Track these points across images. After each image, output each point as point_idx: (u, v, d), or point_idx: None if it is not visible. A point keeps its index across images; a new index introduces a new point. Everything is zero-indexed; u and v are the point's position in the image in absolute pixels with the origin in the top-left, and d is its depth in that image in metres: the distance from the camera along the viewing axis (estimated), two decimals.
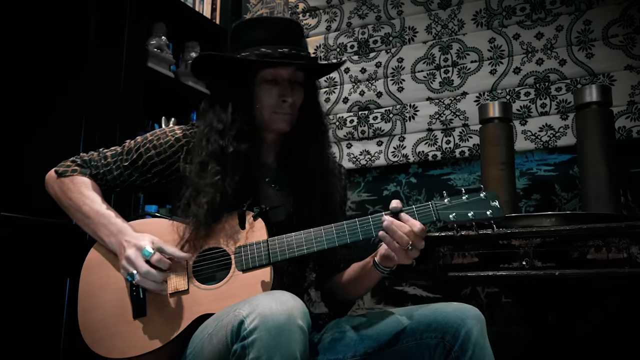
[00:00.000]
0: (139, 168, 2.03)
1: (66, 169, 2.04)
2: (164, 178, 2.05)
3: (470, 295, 3.06)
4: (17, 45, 2.49)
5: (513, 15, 3.20)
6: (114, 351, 1.83)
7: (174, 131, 2.06)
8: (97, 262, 1.96)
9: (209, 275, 1.88)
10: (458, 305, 1.82)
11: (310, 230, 1.85)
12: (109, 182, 2.05)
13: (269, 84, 1.98)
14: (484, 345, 1.74)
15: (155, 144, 2.03)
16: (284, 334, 1.50)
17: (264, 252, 1.84)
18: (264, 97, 1.98)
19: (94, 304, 1.91)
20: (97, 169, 2.05)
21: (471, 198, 1.81)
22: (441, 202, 1.82)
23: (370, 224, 1.83)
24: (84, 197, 1.98)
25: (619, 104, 2.82)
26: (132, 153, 2.04)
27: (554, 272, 2.10)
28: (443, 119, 3.28)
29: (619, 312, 2.76)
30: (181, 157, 2.01)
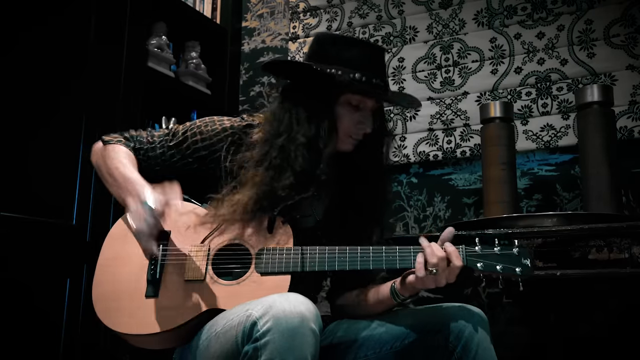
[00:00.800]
0: (182, 150, 2.01)
1: (112, 138, 2.04)
2: (204, 164, 2.01)
3: (471, 295, 3.05)
4: (18, 45, 2.49)
5: (514, 14, 3.20)
6: (119, 325, 1.82)
7: (223, 121, 2.03)
8: (122, 234, 1.94)
9: (227, 270, 1.85)
10: (461, 305, 1.82)
11: (335, 248, 1.82)
12: (150, 159, 2.03)
13: (352, 108, 1.94)
14: (487, 346, 1.74)
15: (202, 129, 2.01)
16: (297, 337, 1.49)
17: (285, 260, 1.82)
18: (344, 119, 1.93)
19: (111, 273, 1.89)
20: (142, 144, 2.04)
21: (503, 251, 1.77)
22: (472, 248, 1.77)
23: (397, 256, 1.80)
24: (118, 162, 1.95)
25: (620, 103, 2.82)
26: (178, 135, 2.02)
27: (555, 272, 2.10)
28: (444, 118, 3.27)
29: (621, 312, 2.76)
30: (224, 147, 1.99)
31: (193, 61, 3.54)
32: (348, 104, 1.93)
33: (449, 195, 3.23)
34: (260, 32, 3.93)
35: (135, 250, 1.87)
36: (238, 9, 4.00)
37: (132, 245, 1.89)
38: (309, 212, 1.99)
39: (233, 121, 2.04)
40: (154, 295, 1.83)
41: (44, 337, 2.46)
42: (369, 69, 1.92)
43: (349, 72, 1.89)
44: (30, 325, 2.40)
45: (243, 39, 3.98)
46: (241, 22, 4.00)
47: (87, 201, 2.63)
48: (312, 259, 1.82)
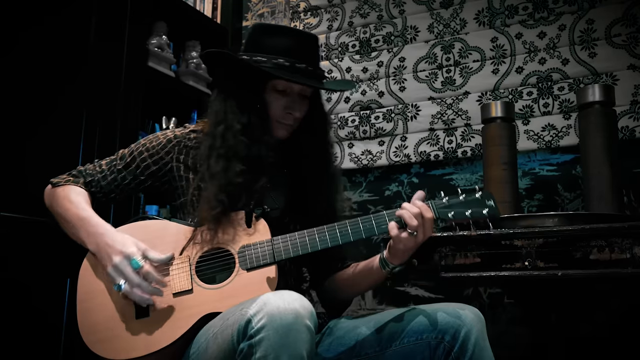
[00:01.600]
0: (132, 171, 2.05)
1: (60, 180, 2.06)
2: (157, 180, 2.06)
3: (472, 295, 3.05)
4: (18, 45, 2.48)
5: (515, 14, 3.19)
6: (117, 352, 1.81)
7: (166, 134, 2.08)
8: (94, 265, 1.94)
9: (212, 275, 1.87)
10: (458, 305, 1.83)
11: (313, 229, 1.86)
12: (103, 188, 2.06)
13: (279, 94, 2.00)
14: (483, 345, 1.74)
15: (147, 146, 2.05)
16: (291, 334, 1.49)
17: (268, 251, 1.84)
18: (272, 105, 2.00)
19: (94, 305, 1.89)
20: (92, 176, 2.06)
21: (468, 197, 1.87)
22: (439, 200, 1.88)
23: (373, 222, 1.85)
24: (69, 202, 1.97)
25: (621, 103, 2.81)
26: (125, 158, 2.06)
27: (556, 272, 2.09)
28: (445, 118, 3.27)
29: (622, 312, 2.75)
30: (174, 157, 2.04)
31: (193, 61, 3.53)
32: (275, 90, 2.00)
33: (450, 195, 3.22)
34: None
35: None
36: (238, 8, 4.00)
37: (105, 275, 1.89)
38: (272, 204, 2.01)
39: (175, 131, 2.09)
40: (144, 316, 1.83)
41: (43, 337, 2.46)
42: (295, 55, 1.97)
43: (273, 59, 1.95)
44: (30, 326, 2.40)
45: (243, 39, 3.96)
46: (242, 21, 4.00)
47: None
48: (294, 244, 1.85)
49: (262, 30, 2.06)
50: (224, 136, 1.94)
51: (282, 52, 1.96)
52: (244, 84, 2.00)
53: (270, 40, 2.00)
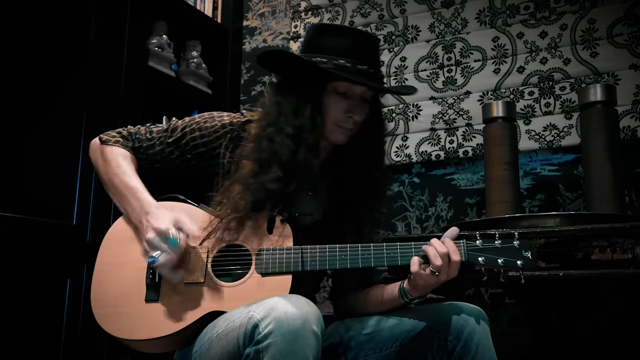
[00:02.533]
0: (181, 147, 2.00)
1: (110, 138, 2.02)
2: (202, 161, 2.01)
3: (473, 295, 3.04)
4: (18, 45, 2.48)
5: (517, 13, 3.19)
6: (120, 330, 1.81)
7: (222, 117, 2.02)
8: (120, 236, 1.93)
9: (226, 272, 1.85)
10: (461, 305, 1.82)
11: (336, 246, 1.83)
12: (149, 157, 2.02)
13: (339, 96, 1.93)
14: (487, 345, 1.74)
15: (201, 126, 2.00)
16: (299, 340, 1.49)
17: (286, 260, 1.81)
18: (331, 108, 1.93)
19: (109, 277, 1.88)
20: (141, 142, 2.02)
21: (504, 244, 1.77)
22: (472, 243, 1.78)
23: (397, 252, 1.80)
24: (117, 167, 1.95)
25: (623, 103, 2.81)
26: (177, 131, 2.01)
27: (558, 272, 2.09)
28: (446, 118, 3.26)
29: (623, 312, 2.75)
30: (223, 143, 1.99)
31: (194, 60, 3.53)
32: (335, 92, 1.93)
33: (451, 195, 3.21)
34: (261, 31, 3.92)
35: (134, 254, 1.87)
36: (239, 8, 3.99)
37: (130, 249, 1.89)
38: (307, 211, 1.99)
39: (233, 117, 2.03)
40: (154, 300, 1.82)
41: (43, 337, 2.45)
42: (356, 56, 1.91)
43: (333, 59, 1.89)
44: (30, 326, 2.39)
45: (244, 38, 3.97)
46: (242, 21, 3.99)
47: (87, 201, 2.63)
48: (313, 258, 1.82)
49: (321, 30, 2.02)
50: (271, 139, 1.89)
51: (342, 53, 1.91)
52: (302, 85, 1.94)
53: (329, 40, 1.95)
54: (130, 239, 1.90)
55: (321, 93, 1.94)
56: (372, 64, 1.95)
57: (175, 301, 1.81)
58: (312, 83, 1.93)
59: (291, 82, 1.97)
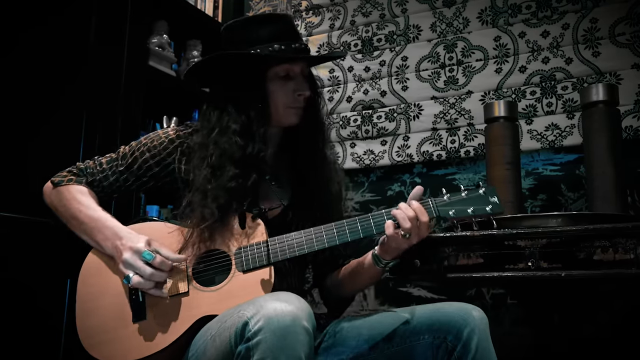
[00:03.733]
0: (134, 172, 2.03)
1: (62, 178, 2.04)
2: (159, 180, 2.05)
3: (475, 296, 3.04)
4: (17, 44, 2.48)
5: (519, 13, 3.18)
6: (114, 356, 1.82)
7: (168, 133, 2.06)
8: (96, 267, 1.94)
9: (209, 278, 1.87)
10: (461, 305, 1.83)
11: (310, 229, 1.85)
12: (105, 189, 2.05)
13: (283, 80, 1.98)
14: (486, 345, 1.74)
15: (149, 146, 2.03)
16: (289, 336, 1.49)
17: (264, 253, 1.83)
18: (279, 93, 1.98)
19: (92, 308, 1.89)
20: (93, 175, 2.05)
21: (470, 194, 1.84)
22: (440, 198, 1.84)
23: (371, 222, 1.83)
24: (78, 203, 1.97)
25: (625, 103, 2.79)
26: (127, 158, 2.04)
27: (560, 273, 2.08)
28: (448, 118, 3.25)
29: (626, 313, 2.74)
30: (176, 158, 2.02)
31: (194, 60, 3.52)
32: (277, 78, 1.98)
33: None
34: None
35: (111, 281, 1.90)
36: (240, 7, 4.00)
37: (107, 277, 1.91)
38: (275, 201, 2.02)
39: (178, 130, 2.06)
40: (142, 318, 1.83)
41: (44, 338, 2.45)
42: (284, 38, 1.96)
43: (266, 47, 1.93)
44: (30, 326, 2.39)
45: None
46: None
47: None
48: (291, 244, 1.84)
49: (243, 23, 2.04)
50: (217, 142, 1.93)
51: (272, 39, 1.95)
52: (242, 80, 1.97)
53: (255, 30, 1.98)
54: (105, 268, 1.92)
55: (263, 82, 1.97)
56: (300, 40, 2.01)
57: (163, 315, 1.82)
58: (251, 75, 1.96)
59: (227, 82, 2.00)
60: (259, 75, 1.97)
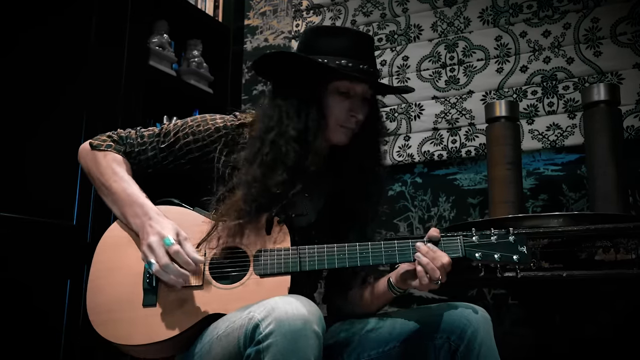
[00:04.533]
0: (174, 152, 1.98)
1: (101, 142, 1.99)
2: (197, 166, 1.99)
3: (476, 296, 3.03)
4: (17, 43, 2.47)
5: (520, 12, 3.17)
6: (118, 336, 1.79)
7: (215, 120, 2.00)
8: (115, 241, 1.91)
9: (225, 274, 1.84)
10: (464, 305, 1.82)
11: (334, 245, 1.83)
12: (142, 162, 2.00)
13: (341, 96, 1.93)
14: (490, 345, 1.74)
15: (194, 130, 1.98)
16: (300, 340, 1.48)
17: (284, 260, 1.81)
18: (334, 109, 1.93)
19: (105, 284, 1.86)
20: (132, 147, 2.00)
21: (500, 239, 1.78)
22: (469, 238, 1.79)
23: (395, 250, 1.80)
24: (114, 173, 1.93)
25: (627, 102, 2.78)
26: (169, 136, 1.99)
27: (561, 273, 2.08)
28: (449, 118, 3.25)
29: (627, 313, 2.74)
30: (218, 147, 1.97)
31: (195, 60, 3.53)
32: (337, 92, 1.93)
33: (453, 195, 3.20)
34: (262, 31, 3.91)
35: (129, 258, 1.86)
36: (240, 7, 3.99)
37: (126, 253, 1.88)
38: (303, 211, 1.98)
39: (226, 120, 2.01)
40: (152, 304, 1.81)
41: (44, 338, 2.45)
42: (356, 56, 1.91)
43: (335, 59, 1.89)
44: (30, 327, 2.39)
45: (245, 37, 3.96)
46: (243, 20, 3.99)
47: (87, 201, 2.62)
48: (312, 258, 1.82)
49: (318, 32, 2.02)
50: (274, 142, 1.88)
51: (342, 53, 1.91)
52: (303, 87, 1.93)
53: (328, 41, 1.94)
54: (126, 243, 1.89)
55: (323, 94, 1.93)
56: (371, 63, 1.96)
57: (173, 305, 1.80)
58: (313, 84, 1.93)
59: (291, 84, 1.96)
60: (321, 86, 1.94)
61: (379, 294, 1.94)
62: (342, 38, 1.95)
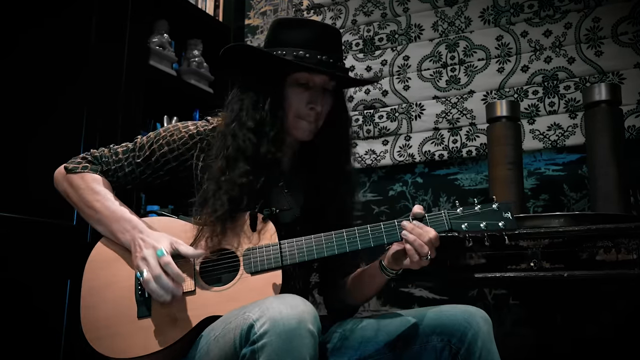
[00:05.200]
0: (151, 165, 1.99)
1: (76, 165, 1.99)
2: (175, 175, 2.00)
3: (477, 296, 3.03)
4: (17, 43, 2.47)
5: (521, 12, 3.17)
6: (116, 350, 1.79)
7: (188, 127, 2.01)
8: (103, 258, 1.92)
9: (216, 277, 1.85)
10: (465, 307, 1.81)
11: (321, 234, 1.83)
12: (120, 179, 2.01)
13: (300, 88, 1.94)
14: (491, 348, 1.73)
15: (168, 140, 1.98)
16: (295, 339, 1.48)
17: (273, 256, 1.81)
18: (292, 100, 1.94)
19: (98, 300, 1.86)
20: (108, 165, 2.00)
21: (484, 209, 1.80)
22: (454, 211, 1.81)
23: (382, 231, 1.81)
24: (95, 193, 1.93)
25: (628, 102, 2.78)
26: (144, 149, 1.99)
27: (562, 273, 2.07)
28: (450, 117, 3.24)
29: (628, 313, 2.73)
30: (194, 154, 1.98)
31: (195, 59, 3.53)
32: (296, 84, 1.94)
33: (454, 195, 3.20)
34: (263, 30, 3.91)
35: (119, 273, 1.87)
36: (241, 6, 3.99)
37: (115, 269, 1.88)
38: (287, 207, 1.99)
39: (198, 126, 2.02)
40: (146, 315, 1.81)
41: (44, 338, 2.45)
42: (316, 47, 1.91)
43: (293, 51, 1.90)
44: (30, 327, 2.39)
45: (246, 37, 3.96)
46: (244, 19, 3.99)
47: None
48: (300, 249, 1.83)
49: (281, 24, 2.02)
50: (234, 135, 1.90)
51: (302, 44, 1.91)
52: (262, 79, 1.95)
53: (289, 33, 1.95)
54: (115, 259, 1.90)
55: (282, 86, 1.95)
56: (332, 54, 1.95)
57: (168, 313, 1.80)
58: (272, 76, 1.94)
59: (252, 77, 1.98)
60: (279, 78, 1.94)
61: (372, 277, 1.94)
62: (303, 30, 1.95)
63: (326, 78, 1.95)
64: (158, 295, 1.76)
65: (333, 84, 1.99)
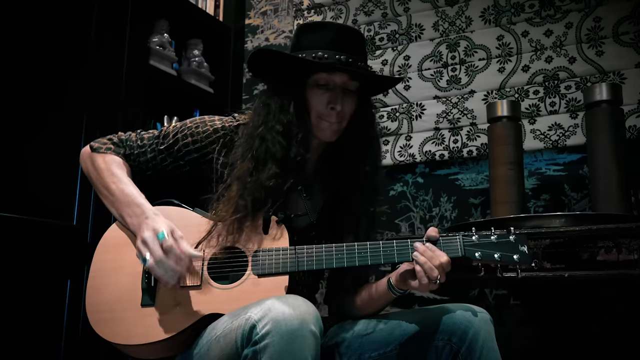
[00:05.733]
0: (173, 153, 2.00)
1: (101, 145, 2.02)
2: (196, 167, 2.01)
3: (478, 296, 3.02)
4: (17, 43, 2.47)
5: (522, 12, 3.16)
6: (115, 336, 1.80)
7: (214, 121, 2.02)
8: (115, 242, 1.92)
9: (223, 274, 1.84)
10: (465, 306, 1.81)
11: (332, 245, 1.82)
12: (141, 164, 2.02)
13: (321, 89, 1.93)
14: (491, 347, 1.73)
15: (193, 131, 1.99)
16: (297, 340, 1.48)
17: (282, 260, 1.81)
18: (314, 102, 1.93)
19: (104, 283, 1.87)
20: (132, 149, 2.02)
21: (500, 239, 1.77)
22: (469, 238, 1.77)
23: (394, 250, 1.79)
24: (112, 175, 1.94)
25: (629, 102, 2.78)
26: (169, 138, 2.00)
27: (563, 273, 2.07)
28: (450, 117, 3.24)
29: (629, 313, 2.73)
30: (216, 148, 1.98)
31: (195, 59, 3.52)
32: (316, 85, 1.94)
33: (455, 195, 3.20)
34: (263, 30, 3.91)
35: (128, 258, 1.87)
36: (241, 6, 3.99)
37: (125, 254, 1.88)
38: (303, 212, 1.98)
39: (224, 121, 2.03)
40: (150, 304, 1.81)
41: (44, 338, 2.44)
42: (336, 48, 1.91)
43: (312, 53, 1.90)
44: (31, 327, 2.39)
45: (246, 37, 3.96)
46: (244, 19, 3.99)
47: (87, 202, 2.62)
48: (310, 257, 1.81)
49: (303, 29, 2.02)
50: (263, 138, 1.90)
51: (322, 46, 1.91)
52: (286, 83, 1.95)
53: (310, 36, 1.95)
54: (125, 244, 1.90)
55: (304, 88, 1.95)
56: (352, 54, 1.93)
57: (171, 305, 1.80)
58: (295, 79, 1.94)
59: (277, 81, 1.98)
60: (301, 81, 1.95)
61: (380, 295, 1.92)
62: (323, 32, 1.95)
63: (346, 78, 1.94)
64: (164, 278, 1.76)
65: (355, 84, 1.98)
